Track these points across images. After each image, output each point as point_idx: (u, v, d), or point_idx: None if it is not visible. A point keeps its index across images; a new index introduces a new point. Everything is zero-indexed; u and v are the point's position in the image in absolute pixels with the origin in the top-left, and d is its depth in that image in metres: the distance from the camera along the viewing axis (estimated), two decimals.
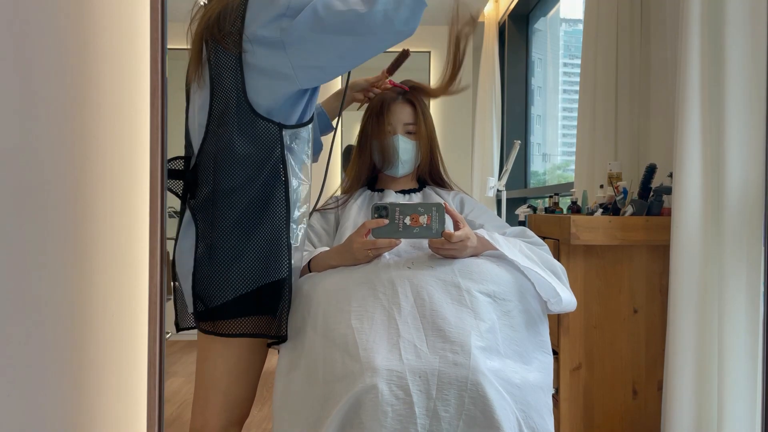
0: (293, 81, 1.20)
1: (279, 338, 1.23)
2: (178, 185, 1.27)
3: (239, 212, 1.20)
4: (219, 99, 1.20)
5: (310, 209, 1.41)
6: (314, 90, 1.29)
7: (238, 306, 1.21)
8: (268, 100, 1.20)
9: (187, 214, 1.25)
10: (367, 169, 1.54)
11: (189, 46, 1.27)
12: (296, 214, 1.27)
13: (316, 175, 1.35)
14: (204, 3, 1.27)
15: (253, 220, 1.20)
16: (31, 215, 0.67)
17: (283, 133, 1.22)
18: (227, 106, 1.19)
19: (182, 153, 1.31)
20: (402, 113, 1.49)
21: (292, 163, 1.25)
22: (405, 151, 1.48)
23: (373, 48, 1.20)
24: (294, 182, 1.26)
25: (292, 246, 1.25)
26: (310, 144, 1.32)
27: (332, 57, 1.19)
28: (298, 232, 1.28)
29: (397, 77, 1.55)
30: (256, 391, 1.32)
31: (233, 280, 1.20)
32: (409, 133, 1.49)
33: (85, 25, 0.78)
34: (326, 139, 1.58)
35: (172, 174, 1.26)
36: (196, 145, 1.24)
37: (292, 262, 1.25)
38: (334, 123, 1.58)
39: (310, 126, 1.31)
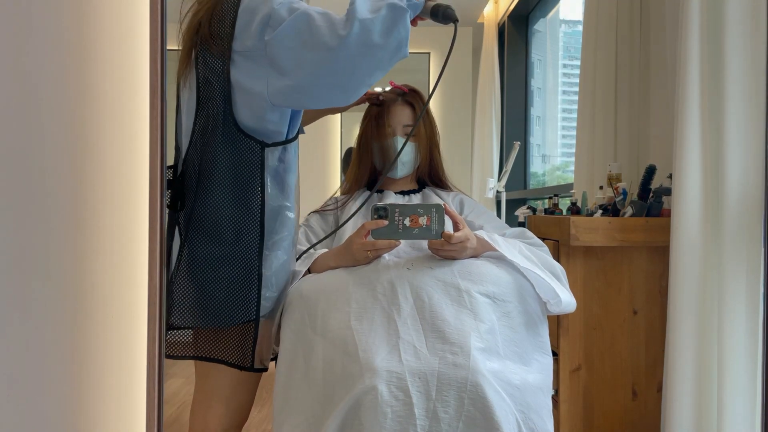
0: (266, 98, 1.14)
1: (241, 367, 1.19)
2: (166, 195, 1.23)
3: (213, 234, 1.15)
4: (205, 106, 1.16)
5: (295, 234, 1.32)
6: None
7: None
8: (249, 117, 1.16)
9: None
10: (367, 170, 1.54)
11: (179, 46, 1.23)
12: (273, 239, 1.20)
13: (315, 179, 1.33)
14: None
15: (226, 244, 1.16)
16: (31, 215, 0.67)
17: (266, 152, 1.17)
18: (212, 116, 1.15)
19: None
20: (401, 115, 1.49)
21: (272, 185, 1.19)
22: (404, 152, 1.48)
23: (353, 68, 1.09)
24: (273, 206, 1.19)
25: (264, 275, 1.19)
26: (297, 167, 1.28)
27: (307, 75, 1.09)
28: (273, 259, 1.21)
29: (397, 79, 1.55)
30: (255, 395, 1.31)
31: (202, 311, 1.15)
32: (408, 134, 1.49)
33: (84, 25, 0.78)
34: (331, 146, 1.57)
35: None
36: (183, 150, 1.21)
37: (264, 293, 1.19)
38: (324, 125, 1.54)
39: (296, 146, 1.26)
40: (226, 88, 1.14)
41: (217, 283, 1.16)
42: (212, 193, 1.15)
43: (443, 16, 1.20)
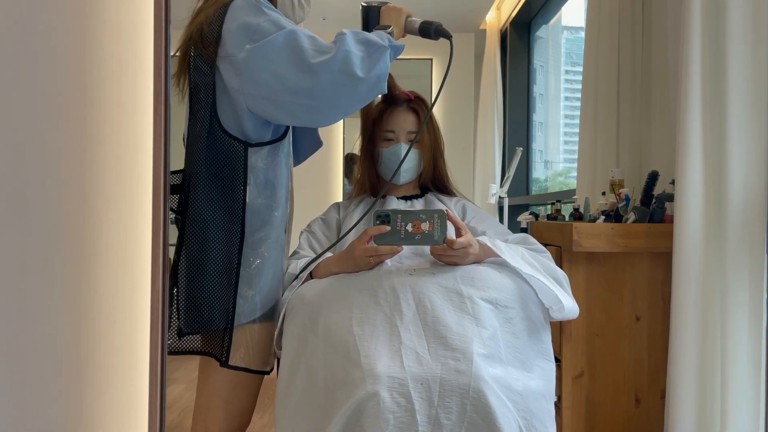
0: (243, 104, 1.17)
1: (217, 359, 1.20)
2: (174, 200, 1.25)
3: (202, 235, 1.18)
4: (194, 111, 1.20)
5: (285, 233, 1.32)
6: None
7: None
8: (232, 118, 1.19)
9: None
10: (369, 176, 1.54)
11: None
12: (254, 237, 1.21)
13: (317, 183, 1.34)
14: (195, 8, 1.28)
15: (212, 244, 1.18)
16: (33, 221, 0.67)
17: (249, 152, 1.19)
18: (201, 120, 1.19)
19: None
20: (405, 121, 1.49)
21: (255, 184, 1.21)
22: (407, 159, 1.48)
23: (332, 94, 1.11)
24: (255, 204, 1.21)
25: (243, 273, 1.20)
26: (289, 167, 1.30)
27: (285, 92, 1.12)
28: (253, 258, 1.22)
29: (401, 84, 1.55)
30: (256, 401, 1.31)
31: (191, 312, 1.18)
32: (411, 141, 1.49)
33: (87, 30, 0.79)
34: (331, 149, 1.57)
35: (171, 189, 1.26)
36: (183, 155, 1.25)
37: (245, 291, 1.20)
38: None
39: (286, 146, 1.28)
40: (212, 91, 1.18)
41: (205, 285, 1.18)
42: (200, 195, 1.18)
43: (435, 32, 1.23)
